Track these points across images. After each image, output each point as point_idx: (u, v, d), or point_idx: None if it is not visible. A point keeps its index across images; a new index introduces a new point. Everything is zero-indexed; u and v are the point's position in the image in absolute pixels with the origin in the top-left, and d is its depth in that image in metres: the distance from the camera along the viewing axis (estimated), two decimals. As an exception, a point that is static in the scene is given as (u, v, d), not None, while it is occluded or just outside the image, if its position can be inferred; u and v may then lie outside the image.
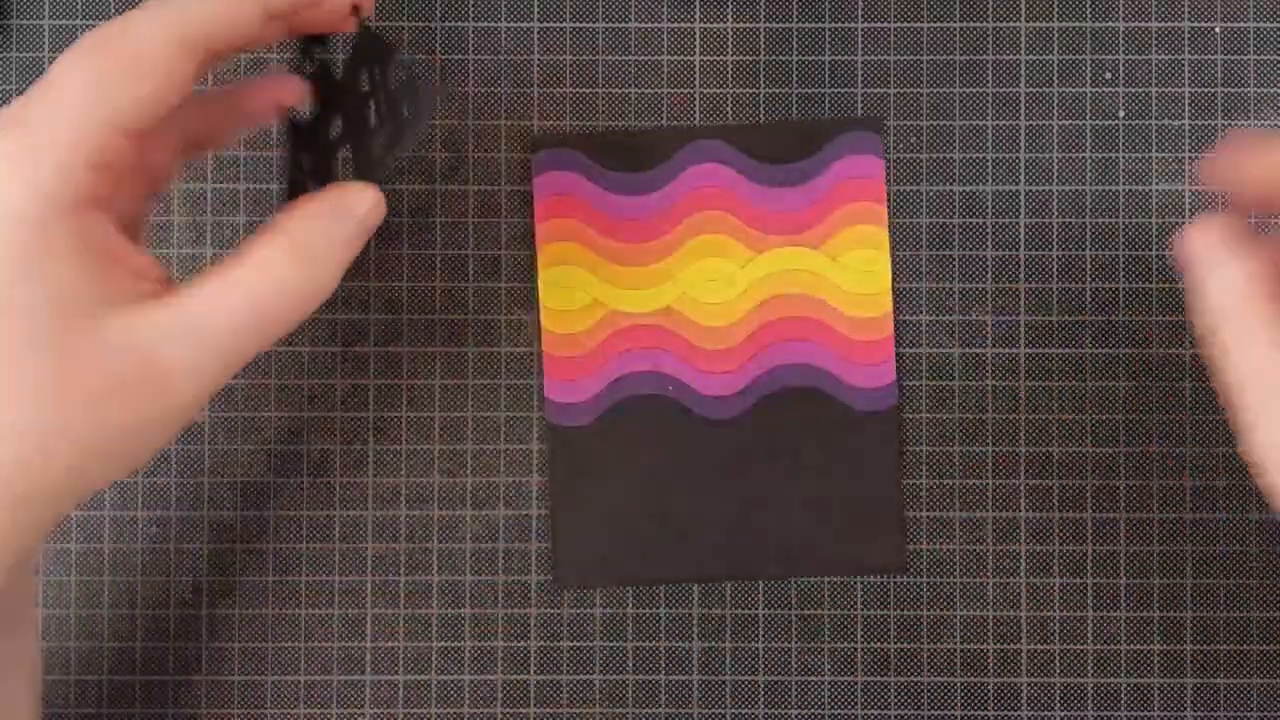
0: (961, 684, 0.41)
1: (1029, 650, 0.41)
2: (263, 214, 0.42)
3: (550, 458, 0.42)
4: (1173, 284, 0.42)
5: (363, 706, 0.41)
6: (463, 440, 0.42)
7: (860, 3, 0.43)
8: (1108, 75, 0.42)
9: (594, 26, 0.42)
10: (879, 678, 0.41)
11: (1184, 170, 0.42)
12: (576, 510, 0.41)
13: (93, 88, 0.24)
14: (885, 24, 0.42)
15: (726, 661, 0.41)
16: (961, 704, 0.41)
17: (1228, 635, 0.41)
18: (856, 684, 0.41)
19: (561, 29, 0.42)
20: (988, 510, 0.42)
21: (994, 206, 0.42)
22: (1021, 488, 0.42)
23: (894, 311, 0.42)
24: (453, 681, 0.41)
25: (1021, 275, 0.42)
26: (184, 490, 0.42)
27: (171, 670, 0.42)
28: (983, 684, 0.41)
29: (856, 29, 0.42)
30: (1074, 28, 0.42)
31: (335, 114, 0.34)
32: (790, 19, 0.42)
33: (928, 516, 0.42)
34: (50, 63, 0.42)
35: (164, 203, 0.42)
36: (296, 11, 0.29)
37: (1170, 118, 0.42)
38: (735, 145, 0.42)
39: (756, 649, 0.41)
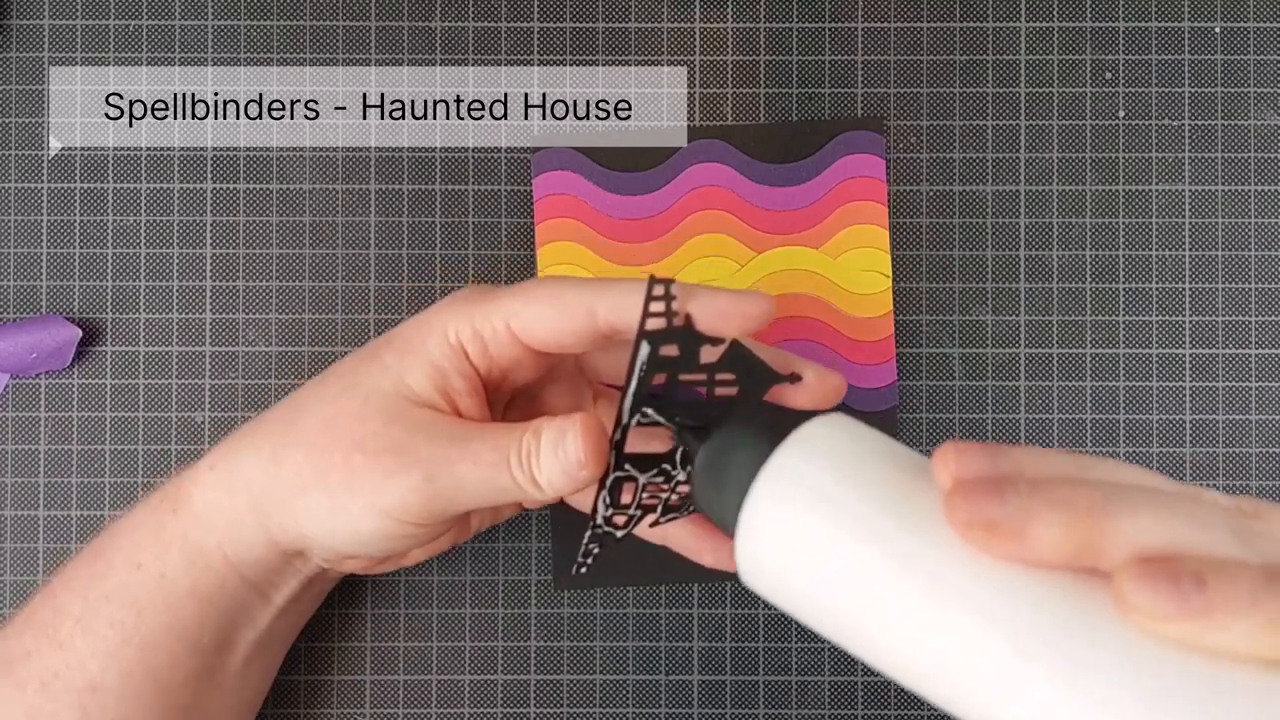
0: (961, 684, 0.41)
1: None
2: (262, 214, 0.42)
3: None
4: (1172, 284, 0.42)
5: (363, 706, 0.41)
6: (463, 440, 0.42)
7: (860, 3, 0.43)
8: (1108, 75, 0.42)
9: (594, 27, 0.42)
10: (879, 678, 0.41)
11: (1184, 170, 0.42)
12: (576, 510, 0.41)
13: (444, 343, 0.33)
14: (885, 24, 0.42)
15: (726, 661, 0.41)
16: (961, 704, 0.41)
17: (1228, 635, 0.41)
18: (856, 684, 0.41)
19: (561, 29, 0.42)
20: (988, 510, 0.42)
21: (994, 206, 0.42)
22: (1021, 488, 0.42)
23: (894, 311, 0.42)
24: (453, 681, 0.41)
25: (1021, 275, 0.42)
26: (184, 490, 0.42)
27: (171, 670, 0.42)
28: (983, 684, 0.41)
29: (856, 29, 0.42)
30: (1074, 28, 0.42)
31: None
32: (790, 19, 0.42)
33: (928, 516, 0.42)
34: (50, 63, 0.42)
35: (164, 202, 0.42)
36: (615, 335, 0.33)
37: (1170, 118, 0.42)
38: (735, 145, 0.42)
39: (756, 649, 0.41)
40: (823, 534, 0.24)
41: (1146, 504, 0.21)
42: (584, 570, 0.33)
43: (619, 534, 0.32)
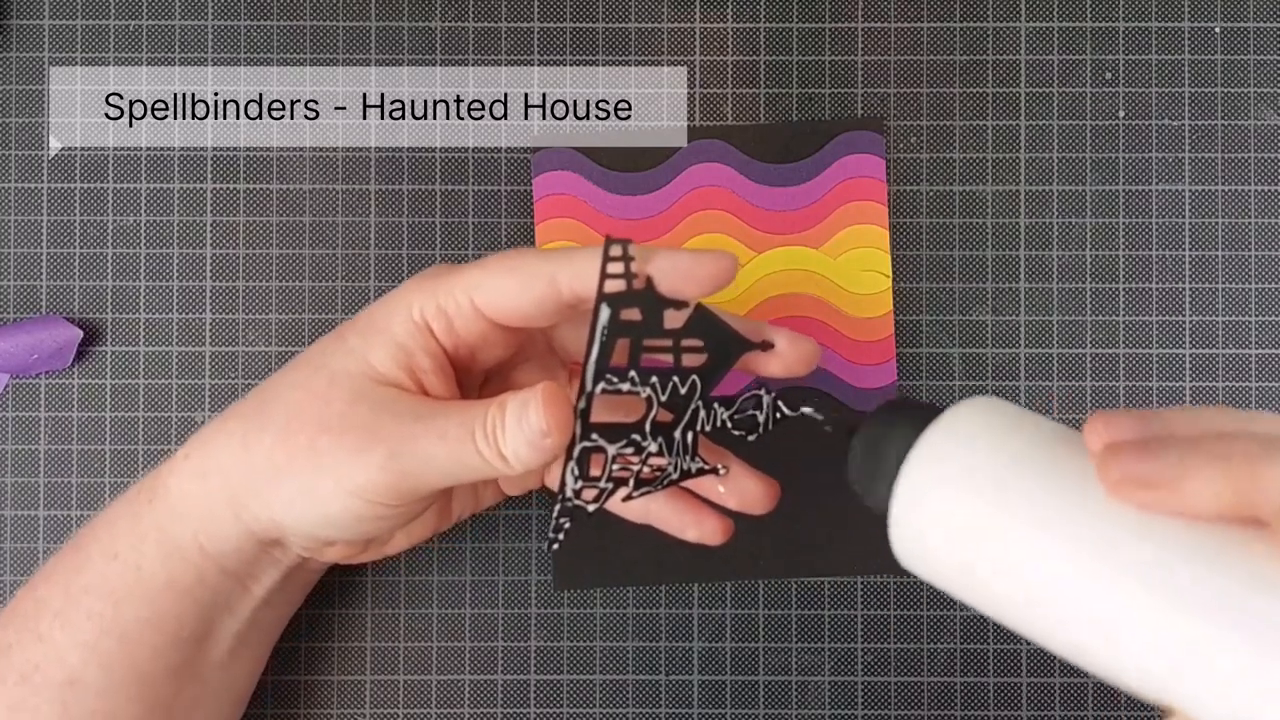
0: (961, 684, 0.41)
1: (1029, 650, 0.41)
2: (262, 214, 0.42)
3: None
4: (1172, 284, 0.42)
5: (363, 706, 0.41)
6: (463, 440, 0.42)
7: (860, 3, 0.43)
8: (1108, 75, 0.42)
9: (594, 27, 0.42)
10: (879, 678, 0.41)
11: (1184, 170, 0.42)
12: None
13: (408, 320, 0.33)
14: (885, 24, 0.42)
15: (726, 661, 0.41)
16: (961, 704, 0.41)
17: (1228, 635, 0.41)
18: (856, 684, 0.41)
19: (561, 29, 0.42)
20: (988, 510, 0.42)
21: (994, 206, 0.42)
22: (1021, 488, 0.42)
23: (894, 311, 0.42)
24: (453, 681, 0.41)
25: (1021, 275, 0.42)
26: (184, 490, 0.42)
27: (171, 670, 0.42)
28: (983, 684, 0.41)
29: (856, 29, 0.42)
30: (1074, 28, 0.42)
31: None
32: (790, 19, 0.42)
33: (928, 516, 0.42)
34: (50, 63, 0.42)
35: (164, 202, 0.42)
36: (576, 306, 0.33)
37: (1170, 118, 0.42)
38: (735, 145, 0.42)
39: (756, 649, 0.41)
40: (969, 508, 0.24)
41: None
42: (556, 545, 0.32)
43: (590, 507, 0.32)
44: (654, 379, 0.30)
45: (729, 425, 0.32)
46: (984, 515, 0.24)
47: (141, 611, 0.33)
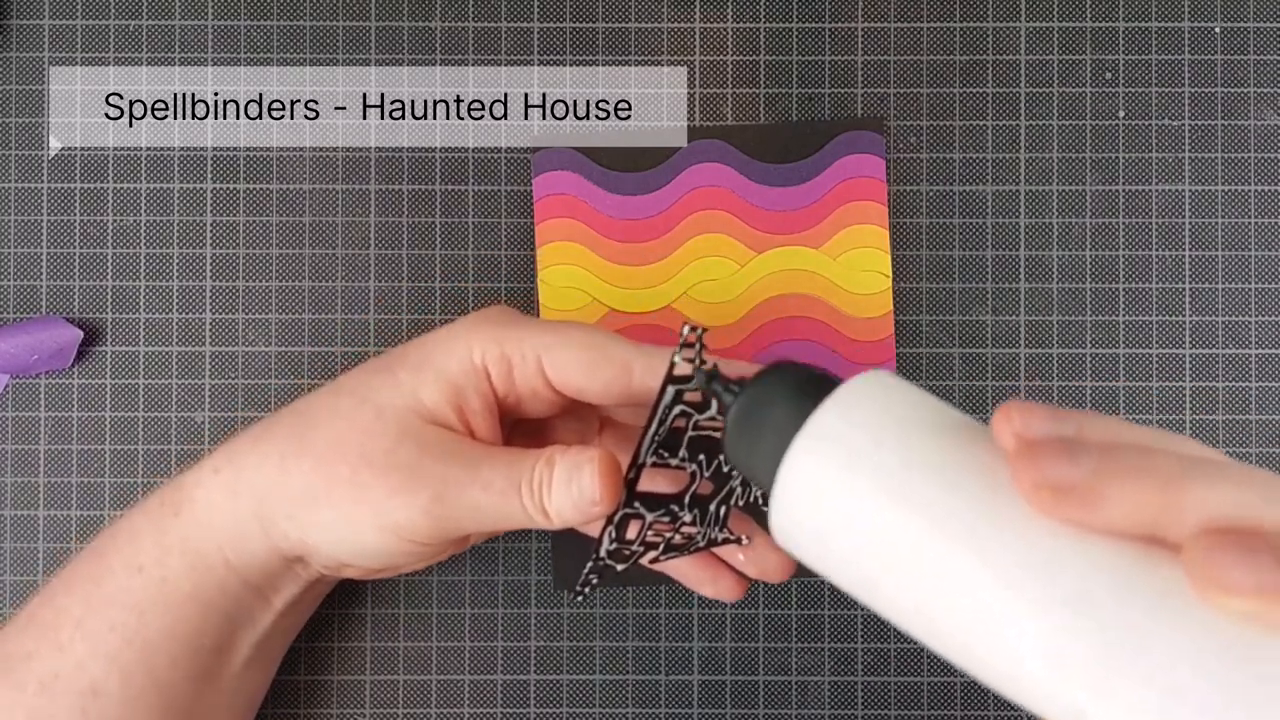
0: (961, 684, 0.41)
1: (1029, 650, 0.41)
2: (262, 214, 0.42)
3: (550, 458, 0.41)
4: (1172, 284, 0.42)
5: (363, 706, 0.41)
6: (463, 440, 0.42)
7: (860, 3, 0.43)
8: (1108, 75, 0.42)
9: (594, 27, 0.42)
10: (879, 678, 0.41)
11: (1184, 170, 0.42)
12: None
13: (467, 361, 0.33)
14: (885, 24, 0.42)
15: (726, 661, 0.41)
16: (961, 704, 0.41)
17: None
18: (856, 684, 0.41)
19: (561, 29, 0.42)
20: (988, 510, 0.42)
21: (994, 206, 0.42)
22: (1021, 488, 0.42)
23: (894, 311, 0.42)
24: (452, 681, 0.41)
25: (1021, 275, 0.42)
26: (184, 490, 0.42)
27: (171, 670, 0.42)
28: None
29: (856, 29, 0.42)
30: (1074, 28, 0.42)
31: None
32: (790, 19, 0.42)
33: (928, 516, 0.42)
34: (50, 63, 0.42)
35: (164, 202, 0.42)
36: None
37: (1170, 118, 0.42)
38: (735, 145, 0.42)
39: (756, 649, 0.41)
40: (863, 497, 0.22)
41: (1223, 476, 0.20)
42: (580, 598, 0.34)
43: (620, 567, 0.33)
44: (701, 455, 0.31)
45: (762, 503, 0.32)
46: (876, 508, 0.22)
47: (164, 622, 0.34)
